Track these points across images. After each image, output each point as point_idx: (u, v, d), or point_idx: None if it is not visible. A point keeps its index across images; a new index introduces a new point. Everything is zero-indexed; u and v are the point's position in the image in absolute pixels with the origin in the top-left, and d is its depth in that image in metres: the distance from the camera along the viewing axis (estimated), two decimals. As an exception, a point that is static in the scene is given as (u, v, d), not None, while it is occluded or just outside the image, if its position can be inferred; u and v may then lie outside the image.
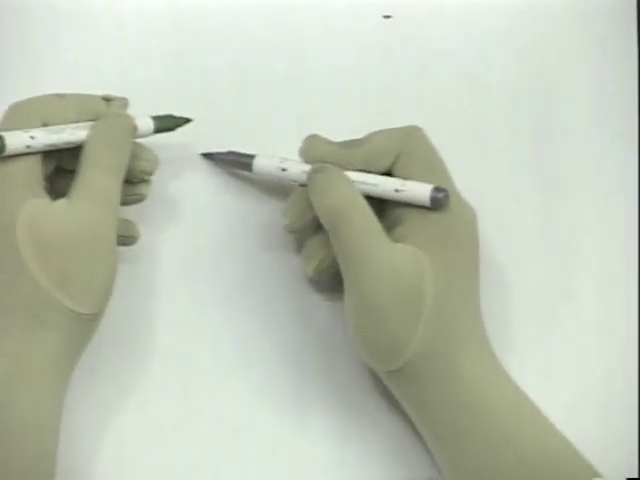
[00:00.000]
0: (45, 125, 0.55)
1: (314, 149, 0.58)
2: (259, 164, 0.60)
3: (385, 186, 0.57)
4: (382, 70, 0.65)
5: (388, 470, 0.59)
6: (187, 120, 0.61)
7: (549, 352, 0.62)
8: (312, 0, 0.65)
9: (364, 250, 0.54)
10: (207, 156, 0.63)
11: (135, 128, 0.58)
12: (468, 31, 0.66)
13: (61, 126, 0.56)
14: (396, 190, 0.57)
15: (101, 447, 0.59)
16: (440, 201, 0.56)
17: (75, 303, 0.53)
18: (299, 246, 0.61)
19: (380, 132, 0.58)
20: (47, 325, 0.52)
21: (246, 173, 0.61)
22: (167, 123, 0.60)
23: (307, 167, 0.58)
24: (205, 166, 0.63)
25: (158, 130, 0.59)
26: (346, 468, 0.59)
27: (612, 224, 0.64)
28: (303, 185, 0.58)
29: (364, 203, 0.56)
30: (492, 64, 0.65)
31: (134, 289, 0.61)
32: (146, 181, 0.59)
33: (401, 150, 0.58)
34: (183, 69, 0.64)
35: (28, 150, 0.54)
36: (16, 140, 0.54)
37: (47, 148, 0.55)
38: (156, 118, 0.59)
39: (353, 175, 0.57)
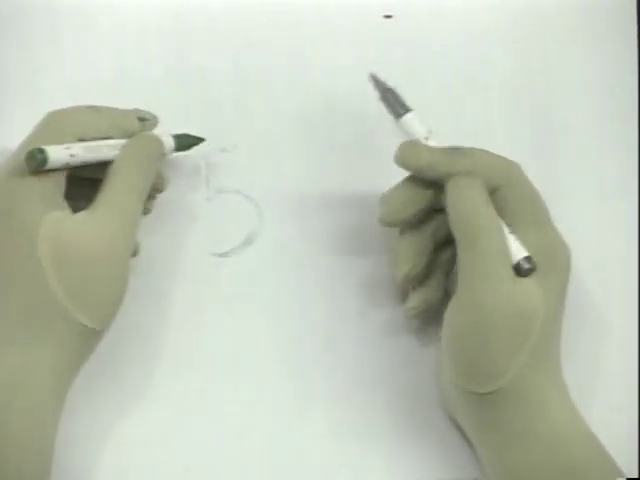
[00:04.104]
0: (79, 138, 0.55)
1: (417, 155, 0.56)
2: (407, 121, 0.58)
3: None
4: (382, 70, 0.65)
5: (388, 470, 0.59)
6: (201, 140, 0.61)
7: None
8: (312, 0, 0.65)
9: (493, 270, 0.54)
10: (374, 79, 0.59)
11: (164, 152, 0.58)
12: (468, 31, 0.66)
13: (98, 144, 0.55)
14: None
15: (101, 448, 0.59)
16: (523, 271, 0.55)
17: (86, 317, 0.53)
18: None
19: (484, 152, 0.56)
20: (53, 336, 0.52)
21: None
22: (184, 142, 0.60)
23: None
24: (203, 172, 0.63)
25: (176, 149, 0.60)
26: (346, 468, 0.59)
27: (612, 224, 0.64)
28: None
29: (501, 225, 0.55)
30: (492, 64, 0.65)
31: (132, 292, 0.61)
32: (153, 197, 0.60)
33: (503, 183, 0.56)
34: (183, 69, 0.64)
35: (65, 166, 0.54)
36: (58, 156, 0.53)
37: (82, 164, 0.55)
38: (175, 137, 0.59)
39: None
